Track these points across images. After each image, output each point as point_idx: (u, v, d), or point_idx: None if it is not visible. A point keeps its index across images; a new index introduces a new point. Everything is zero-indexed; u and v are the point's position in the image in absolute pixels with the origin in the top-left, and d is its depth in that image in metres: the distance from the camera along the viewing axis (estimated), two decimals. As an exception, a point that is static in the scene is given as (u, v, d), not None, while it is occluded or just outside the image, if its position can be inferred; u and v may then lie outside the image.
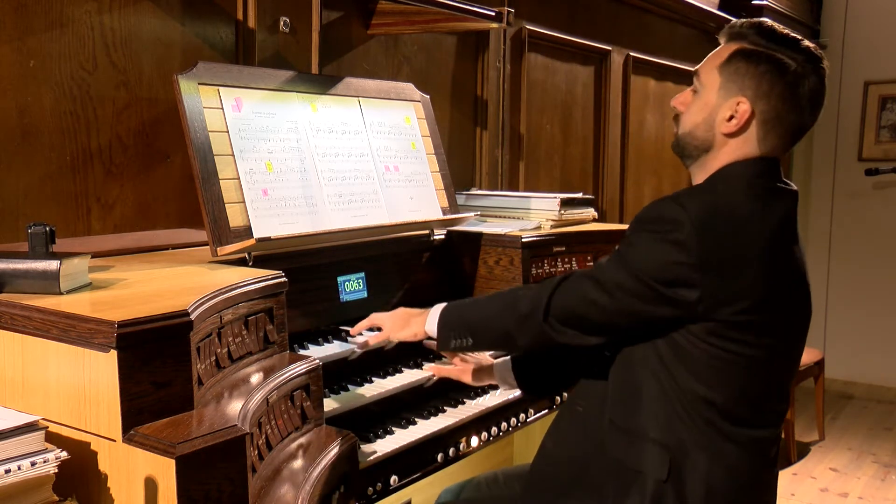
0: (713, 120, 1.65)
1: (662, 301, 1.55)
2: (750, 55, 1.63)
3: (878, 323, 5.94)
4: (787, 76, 1.61)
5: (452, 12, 2.65)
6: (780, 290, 1.59)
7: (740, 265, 1.54)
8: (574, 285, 1.65)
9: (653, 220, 1.58)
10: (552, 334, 1.67)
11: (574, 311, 1.64)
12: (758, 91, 1.61)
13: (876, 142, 5.97)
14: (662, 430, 1.60)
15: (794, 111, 1.63)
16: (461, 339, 1.80)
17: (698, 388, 1.57)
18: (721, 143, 1.66)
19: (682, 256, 1.52)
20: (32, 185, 1.95)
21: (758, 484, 1.66)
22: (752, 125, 1.63)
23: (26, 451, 1.30)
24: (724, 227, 1.55)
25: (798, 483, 4.31)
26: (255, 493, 1.43)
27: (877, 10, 5.89)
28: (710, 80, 1.67)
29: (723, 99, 1.64)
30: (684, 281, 1.53)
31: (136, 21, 2.13)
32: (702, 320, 1.55)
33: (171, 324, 1.38)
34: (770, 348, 1.59)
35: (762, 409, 1.64)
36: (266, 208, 2.04)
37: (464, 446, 2.10)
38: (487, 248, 2.61)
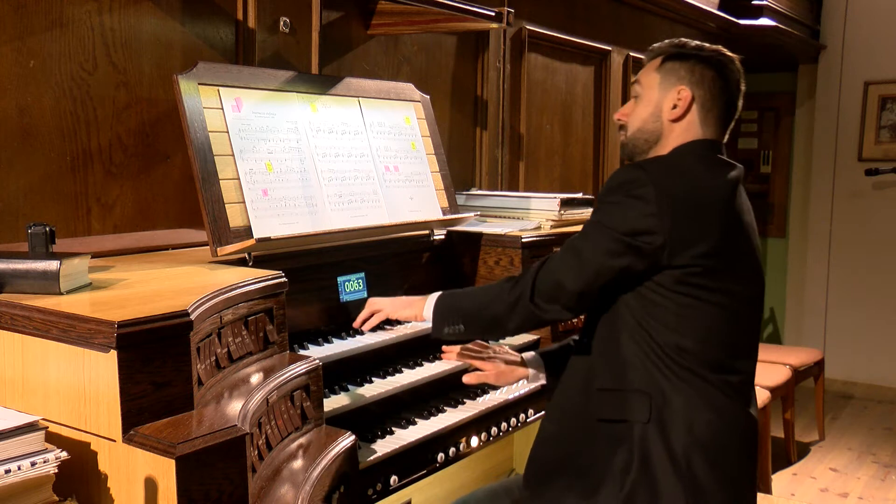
0: (659, 111, 1.87)
1: (631, 251, 1.71)
2: (679, 55, 1.88)
3: (878, 323, 5.93)
4: (713, 63, 1.86)
5: (452, 12, 2.65)
6: (733, 240, 1.76)
7: (697, 213, 1.71)
8: (553, 261, 1.82)
9: (617, 184, 1.75)
10: (539, 313, 1.82)
11: (556, 283, 1.79)
12: (692, 78, 1.85)
13: (876, 142, 5.97)
14: (642, 379, 1.74)
15: (725, 94, 1.87)
16: (453, 325, 1.92)
17: (671, 336, 1.73)
18: (668, 131, 1.86)
19: (645, 208, 1.70)
20: (32, 185, 1.95)
21: (737, 425, 1.78)
22: (693, 109, 1.85)
23: (26, 451, 1.30)
24: (681, 180, 1.74)
25: (798, 483, 4.31)
26: (255, 493, 1.43)
27: (877, 11, 5.88)
28: (649, 80, 1.89)
29: (665, 91, 1.87)
30: (649, 229, 1.69)
31: (136, 21, 2.13)
32: (667, 267, 1.70)
33: (171, 324, 1.38)
34: (730, 295, 1.75)
35: (733, 357, 1.78)
36: (266, 208, 2.04)
37: (464, 446, 2.10)
38: (487, 248, 2.61)
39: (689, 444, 1.71)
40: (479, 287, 1.98)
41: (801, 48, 5.88)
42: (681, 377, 1.73)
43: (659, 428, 1.72)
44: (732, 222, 1.77)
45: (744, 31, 5.14)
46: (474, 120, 3.41)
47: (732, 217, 1.77)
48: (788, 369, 4.38)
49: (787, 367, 4.40)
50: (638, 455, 1.72)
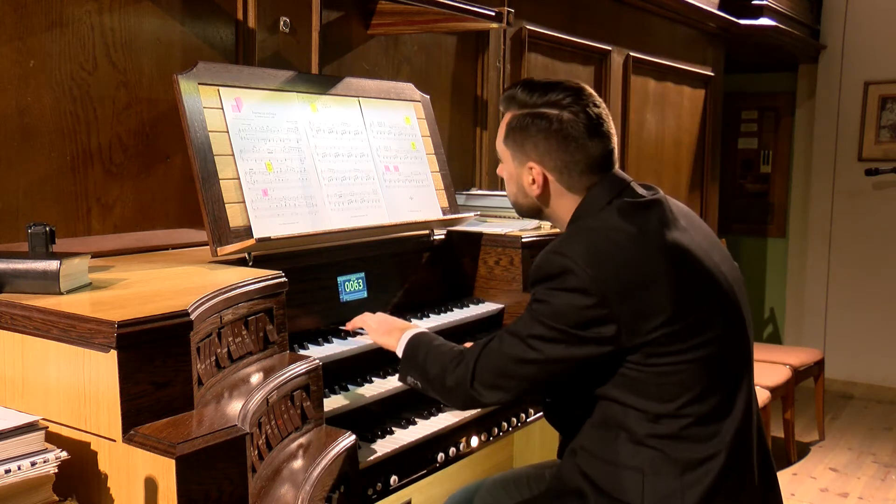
0: (523, 187, 1.78)
1: (584, 342, 1.60)
2: (520, 121, 1.74)
3: (878, 323, 5.94)
4: (553, 126, 1.70)
5: (452, 12, 2.65)
6: (690, 291, 1.62)
7: (639, 285, 1.58)
8: (496, 348, 1.70)
9: (545, 277, 1.63)
10: (479, 398, 1.73)
11: (499, 371, 1.69)
12: (538, 152, 1.72)
13: (876, 142, 5.97)
14: (632, 456, 1.63)
15: (578, 151, 1.71)
16: (414, 379, 1.87)
17: (657, 407, 1.61)
18: (545, 202, 1.78)
19: (584, 300, 1.57)
20: (32, 185, 1.95)
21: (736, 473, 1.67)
22: (552, 180, 1.74)
23: (26, 451, 1.30)
24: (610, 257, 1.59)
25: (798, 483, 4.31)
26: (255, 493, 1.43)
27: (877, 11, 5.88)
28: (503, 153, 1.81)
29: (519, 167, 1.77)
30: (596, 320, 1.57)
31: (136, 21, 2.13)
32: (631, 349, 1.59)
33: (171, 324, 1.38)
34: (709, 342, 1.62)
35: (726, 395, 1.67)
36: (266, 208, 2.04)
37: (464, 446, 2.10)
38: (487, 248, 2.61)
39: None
40: (444, 348, 1.84)
41: (801, 48, 5.88)
42: (673, 447, 1.61)
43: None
44: (682, 272, 1.62)
45: (744, 31, 5.14)
46: (474, 120, 3.41)
47: (680, 266, 1.62)
48: (788, 369, 4.38)
49: (787, 367, 4.41)
50: None
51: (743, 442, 1.68)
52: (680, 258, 1.64)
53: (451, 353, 1.80)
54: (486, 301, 2.58)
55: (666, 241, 1.64)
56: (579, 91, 1.72)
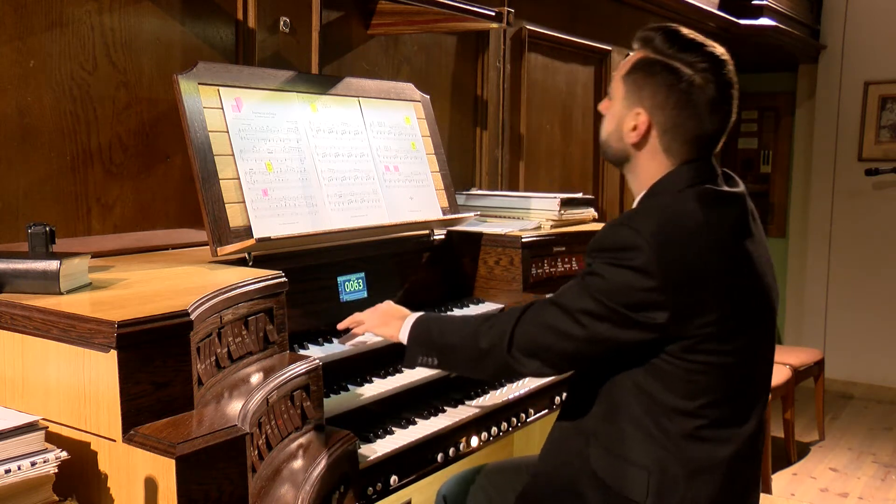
0: (621, 130, 1.69)
1: (633, 325, 1.55)
2: (649, 65, 1.65)
3: (878, 323, 5.93)
4: (681, 84, 1.61)
5: (452, 12, 2.65)
6: (744, 297, 1.60)
7: (702, 279, 1.54)
8: (538, 315, 1.65)
9: (609, 248, 1.58)
10: (516, 366, 1.68)
11: (539, 341, 1.64)
12: (654, 101, 1.64)
13: (876, 142, 5.97)
14: (642, 452, 1.61)
15: (693, 119, 1.63)
16: (428, 357, 1.81)
17: (678, 402, 1.58)
18: (634, 155, 1.69)
19: (645, 282, 1.52)
20: (32, 185, 1.95)
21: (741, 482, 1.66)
22: (653, 135, 1.65)
23: (26, 451, 1.30)
24: (680, 244, 1.55)
25: (798, 483, 4.31)
26: (255, 493, 1.43)
27: (877, 11, 5.88)
28: (616, 89, 1.71)
29: (627, 109, 1.68)
30: (652, 304, 1.53)
31: (136, 21, 2.13)
32: (674, 339, 1.55)
33: (171, 324, 1.38)
34: (742, 350, 1.60)
35: (744, 406, 1.65)
36: (266, 208, 2.04)
37: (464, 446, 2.10)
38: (487, 248, 2.61)
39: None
40: (457, 318, 1.84)
41: (801, 48, 5.88)
42: (683, 447, 1.58)
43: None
44: (742, 276, 1.60)
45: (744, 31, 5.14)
46: (474, 120, 3.40)
47: (742, 270, 1.60)
48: (788, 369, 4.38)
49: (787, 367, 4.41)
50: None
51: (751, 455, 1.67)
52: (742, 263, 1.61)
53: (477, 319, 1.75)
54: (486, 301, 2.58)
55: (734, 243, 1.60)
56: (719, 61, 1.63)
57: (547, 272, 2.64)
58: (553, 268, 2.67)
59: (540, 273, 2.61)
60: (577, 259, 2.76)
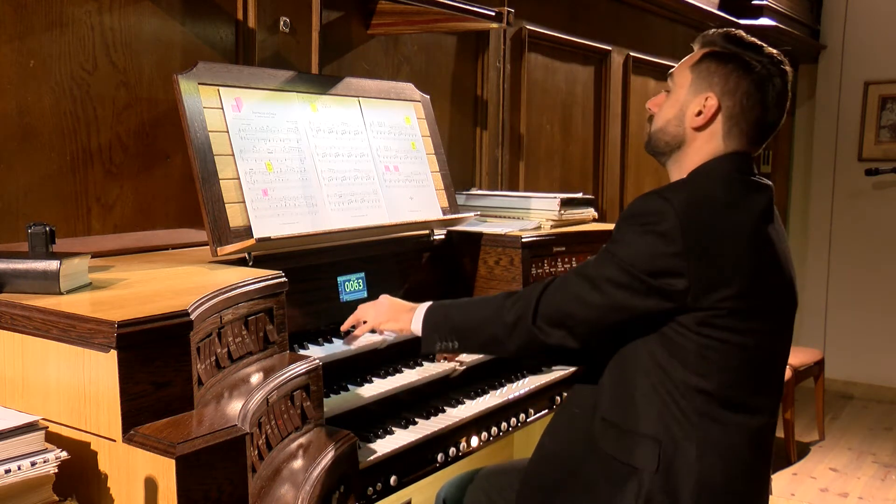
0: (683, 115, 1.74)
1: (652, 292, 1.59)
2: (719, 56, 1.73)
3: (878, 323, 5.93)
4: (752, 75, 1.71)
5: (452, 12, 2.65)
6: (764, 278, 1.64)
7: (725, 252, 1.59)
8: (562, 286, 1.69)
9: (638, 215, 1.63)
10: (541, 337, 1.70)
11: (563, 310, 1.67)
12: (725, 87, 1.71)
13: (876, 142, 5.97)
14: (653, 424, 1.63)
15: (758, 108, 1.71)
16: (447, 341, 1.82)
17: (691, 378, 1.61)
18: (691, 138, 1.74)
19: (668, 247, 1.57)
20: (32, 185, 1.95)
21: (751, 474, 1.68)
22: (718, 120, 1.71)
23: (26, 451, 1.30)
24: (707, 215, 1.61)
25: (798, 483, 4.31)
26: (255, 493, 1.43)
27: (877, 11, 5.88)
28: (682, 78, 1.77)
29: (693, 95, 1.74)
30: (672, 270, 1.57)
31: (136, 21, 2.13)
32: (691, 310, 1.59)
33: (171, 324, 1.38)
34: (758, 334, 1.64)
35: (756, 395, 1.68)
36: (266, 208, 2.04)
37: (464, 446, 2.10)
38: (487, 248, 2.61)
39: (696, 496, 1.60)
40: (473, 299, 1.87)
41: (801, 48, 5.88)
42: (696, 423, 1.61)
43: (666, 479, 1.61)
44: (763, 258, 1.64)
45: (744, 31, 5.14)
46: (474, 120, 3.40)
47: (764, 252, 1.64)
48: (788, 369, 4.38)
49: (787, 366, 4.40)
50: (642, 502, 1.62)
51: (764, 449, 1.69)
52: (765, 249, 1.65)
53: (497, 297, 1.78)
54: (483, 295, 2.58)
55: (760, 228, 1.65)
56: (781, 60, 1.76)
57: (547, 272, 2.64)
58: (553, 268, 2.67)
59: (540, 273, 2.61)
60: (577, 259, 2.76)
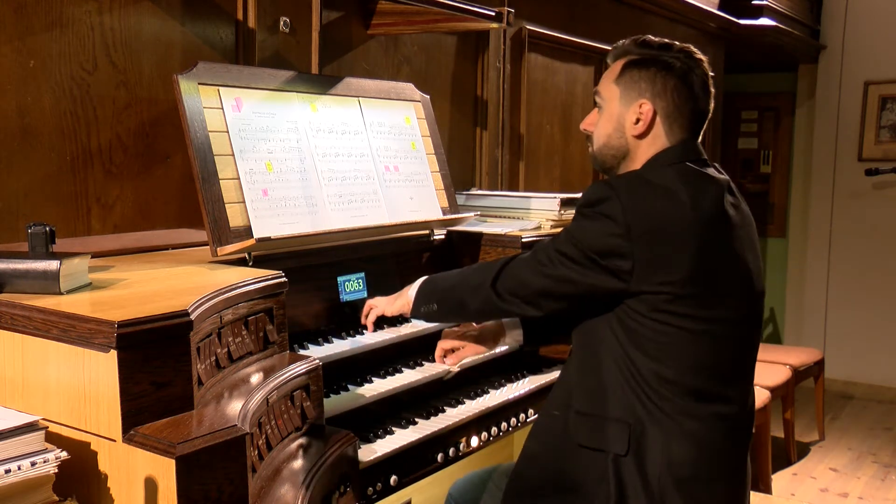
0: (622, 126, 1.80)
1: (599, 270, 1.67)
2: (639, 62, 1.80)
3: (878, 323, 5.94)
4: (674, 71, 1.77)
5: (452, 12, 2.65)
6: (714, 264, 1.67)
7: (669, 236, 1.64)
8: (523, 259, 1.80)
9: (586, 202, 1.71)
10: (498, 302, 1.81)
11: (519, 278, 1.78)
12: (654, 90, 1.77)
13: (876, 142, 5.97)
14: (622, 408, 1.69)
15: (690, 100, 1.78)
16: (428, 304, 1.93)
17: (651, 364, 1.67)
18: (634, 147, 1.79)
19: (612, 227, 1.64)
20: (32, 185, 1.95)
21: (724, 460, 1.72)
22: (657, 122, 1.77)
23: (26, 451, 1.30)
24: (652, 199, 1.67)
25: (798, 483, 4.31)
26: (255, 493, 1.43)
27: (877, 11, 5.89)
28: (609, 93, 1.83)
29: (626, 106, 1.79)
30: (616, 250, 1.64)
31: (136, 21, 2.13)
32: (637, 292, 1.65)
33: (171, 324, 1.38)
34: (717, 322, 1.68)
35: (722, 383, 1.71)
36: (266, 208, 2.04)
37: (464, 446, 2.10)
38: (487, 248, 2.61)
39: (666, 480, 1.65)
40: (462, 268, 1.99)
41: (801, 48, 5.88)
42: (661, 408, 1.66)
43: (636, 461, 1.66)
44: (713, 245, 1.67)
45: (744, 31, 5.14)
46: (474, 120, 3.41)
47: (713, 239, 1.68)
48: (788, 369, 4.38)
49: (787, 367, 4.41)
50: (615, 488, 1.67)
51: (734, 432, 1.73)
52: (715, 236, 1.69)
53: (474, 264, 1.94)
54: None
55: (709, 215, 1.69)
56: (694, 54, 1.80)
57: (547, 272, 2.64)
58: (553, 268, 2.67)
59: (540, 273, 2.61)
60: (577, 259, 2.76)
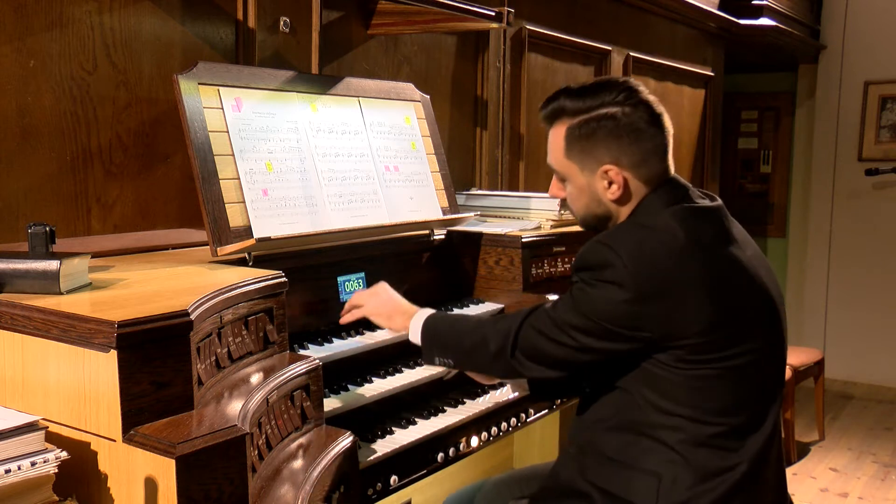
0: (597, 195, 1.72)
1: (616, 337, 1.59)
2: (581, 128, 1.69)
3: (878, 323, 5.93)
4: (620, 122, 1.67)
5: (452, 12, 2.65)
6: (733, 303, 1.60)
7: (681, 289, 1.56)
8: (536, 323, 1.69)
9: (587, 268, 1.63)
10: (520, 369, 1.73)
11: (537, 347, 1.68)
12: (611, 153, 1.68)
13: (876, 142, 5.97)
14: (651, 459, 1.62)
15: (649, 140, 1.69)
16: (444, 359, 1.85)
17: (684, 410, 1.59)
18: (617, 208, 1.72)
19: (620, 295, 1.56)
20: (32, 185, 1.95)
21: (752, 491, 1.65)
22: (630, 177, 1.69)
23: (26, 451, 1.30)
24: (656, 256, 1.58)
25: (798, 483, 4.31)
26: (255, 493, 1.43)
27: (877, 11, 5.88)
28: (566, 168, 1.74)
29: (591, 176, 1.71)
30: (628, 317, 1.56)
31: (136, 21, 2.13)
32: (664, 349, 1.58)
33: (171, 324, 1.38)
34: (746, 355, 1.61)
35: (759, 410, 1.65)
36: (266, 208, 2.04)
37: (464, 446, 2.10)
38: (487, 248, 2.61)
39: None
40: (465, 321, 1.87)
41: (801, 48, 5.88)
42: (694, 453, 1.59)
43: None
44: (727, 284, 1.60)
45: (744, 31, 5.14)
46: (474, 120, 3.40)
47: (726, 277, 1.61)
48: (788, 369, 4.39)
49: (787, 366, 4.40)
50: None
51: (765, 457, 1.67)
52: (729, 269, 1.62)
53: (485, 322, 1.80)
54: (487, 301, 2.58)
55: (717, 251, 1.63)
56: (630, 87, 1.71)
57: (547, 272, 2.64)
58: (553, 268, 2.67)
59: (540, 273, 2.61)
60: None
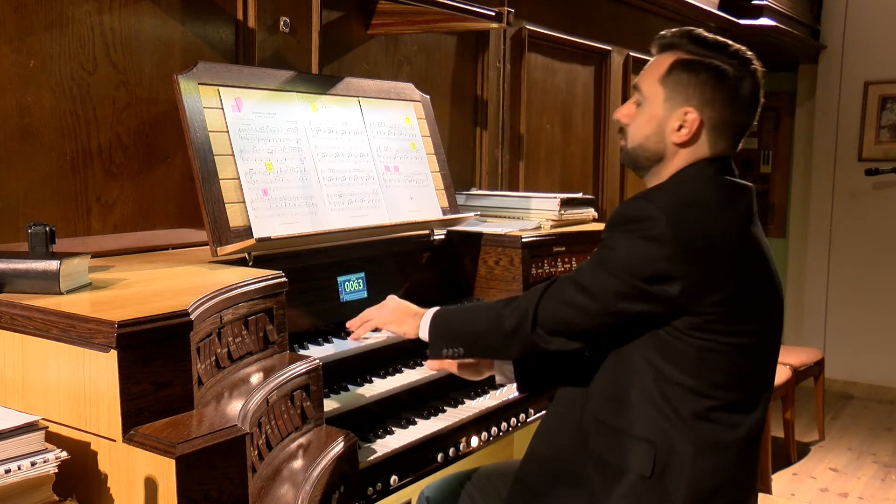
0: (663, 131, 1.70)
1: (646, 298, 1.58)
2: (689, 65, 1.67)
3: (878, 323, 5.93)
4: (727, 81, 1.66)
5: (452, 12, 2.65)
6: (754, 279, 1.64)
7: (716, 253, 1.58)
8: (557, 293, 1.67)
9: (626, 221, 1.61)
10: (541, 344, 1.69)
11: (560, 318, 1.66)
12: (702, 99, 1.66)
13: (876, 142, 5.97)
14: (649, 426, 1.62)
15: (739, 113, 1.69)
16: (452, 349, 1.82)
17: (688, 381, 1.60)
18: (673, 153, 1.70)
19: (660, 251, 1.55)
20: (32, 185, 1.95)
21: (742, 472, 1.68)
22: (703, 132, 1.68)
23: (26, 451, 1.30)
24: (696, 217, 1.60)
25: (798, 483, 4.31)
26: (255, 493, 1.43)
27: (877, 10, 5.88)
28: (653, 92, 1.71)
29: (669, 110, 1.69)
30: (665, 275, 1.56)
31: (136, 21, 2.13)
32: (685, 314, 1.58)
33: (171, 324, 1.38)
34: (753, 335, 1.63)
35: (753, 393, 1.68)
36: (266, 208, 2.04)
37: (464, 446, 2.10)
38: (487, 248, 2.61)
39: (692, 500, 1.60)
40: (475, 306, 1.87)
41: (801, 48, 5.88)
42: (692, 425, 1.60)
43: (660, 483, 1.61)
44: (751, 258, 1.64)
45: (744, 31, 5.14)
46: (474, 120, 3.40)
47: (751, 252, 1.64)
48: (788, 369, 4.38)
49: (787, 366, 4.40)
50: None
51: (755, 444, 1.69)
52: (755, 247, 1.66)
53: (498, 303, 1.78)
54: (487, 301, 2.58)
55: (746, 228, 1.65)
56: (749, 57, 1.69)
57: (547, 272, 2.64)
58: (553, 268, 2.67)
59: (540, 273, 2.62)
60: (577, 259, 2.76)
